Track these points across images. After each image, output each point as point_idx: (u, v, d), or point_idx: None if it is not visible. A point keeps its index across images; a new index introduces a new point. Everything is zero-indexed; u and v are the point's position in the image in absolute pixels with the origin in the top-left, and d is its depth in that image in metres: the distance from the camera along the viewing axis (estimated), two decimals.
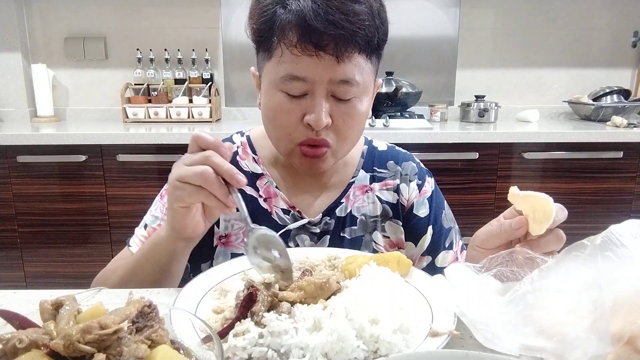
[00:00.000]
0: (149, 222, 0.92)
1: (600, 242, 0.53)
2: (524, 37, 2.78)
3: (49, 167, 2.13)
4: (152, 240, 0.79)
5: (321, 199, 0.94)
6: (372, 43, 0.77)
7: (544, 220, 0.65)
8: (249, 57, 2.57)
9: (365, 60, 0.78)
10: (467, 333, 0.57)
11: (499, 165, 2.21)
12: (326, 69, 0.75)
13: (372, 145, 1.00)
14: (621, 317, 0.48)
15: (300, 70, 0.75)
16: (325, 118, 0.77)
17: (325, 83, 0.76)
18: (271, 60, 0.78)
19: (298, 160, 0.85)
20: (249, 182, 0.92)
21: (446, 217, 0.97)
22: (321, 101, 0.77)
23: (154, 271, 0.79)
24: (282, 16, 0.74)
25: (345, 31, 0.72)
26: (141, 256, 0.81)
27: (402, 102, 2.47)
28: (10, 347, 0.42)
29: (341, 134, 0.82)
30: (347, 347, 0.53)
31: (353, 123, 0.82)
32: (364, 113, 0.83)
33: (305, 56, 0.74)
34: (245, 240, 0.70)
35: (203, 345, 0.48)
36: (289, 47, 0.75)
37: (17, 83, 2.65)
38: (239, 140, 0.98)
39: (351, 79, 0.77)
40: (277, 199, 0.93)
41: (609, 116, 2.44)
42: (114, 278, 0.83)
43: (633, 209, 2.28)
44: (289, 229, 0.90)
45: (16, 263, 2.22)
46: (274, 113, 0.81)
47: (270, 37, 0.77)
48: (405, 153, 1.01)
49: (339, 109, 0.79)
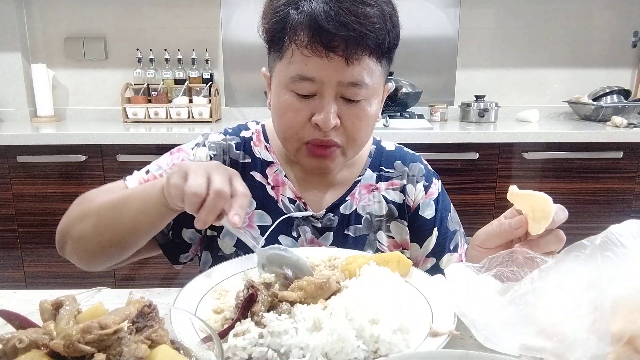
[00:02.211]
0: (153, 170, 0.92)
1: (600, 242, 0.53)
2: (524, 37, 2.78)
3: (49, 167, 2.13)
4: (146, 189, 0.78)
5: (327, 195, 0.94)
6: (383, 46, 0.77)
7: (543, 219, 0.65)
8: (249, 57, 2.58)
9: (375, 63, 0.78)
10: (467, 333, 0.57)
11: (499, 165, 2.20)
12: (335, 71, 0.75)
13: (380, 145, 1.00)
14: (621, 317, 0.48)
15: (310, 71, 0.76)
16: (333, 119, 0.78)
17: (334, 84, 0.77)
18: (282, 61, 0.79)
19: (305, 160, 0.85)
20: (259, 169, 0.94)
21: (452, 220, 0.97)
22: (330, 102, 0.77)
23: (133, 217, 0.78)
24: (294, 17, 0.75)
25: (356, 33, 0.72)
26: (131, 194, 0.80)
27: (402, 102, 2.47)
28: (10, 347, 0.42)
29: (350, 135, 0.82)
30: (347, 347, 0.53)
31: (362, 125, 0.82)
32: (373, 115, 0.83)
33: (315, 57, 0.74)
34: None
35: (203, 345, 0.48)
36: (299, 47, 0.75)
37: (17, 83, 2.65)
38: (254, 127, 0.99)
39: (360, 81, 0.77)
40: (284, 188, 0.93)
41: (609, 116, 2.44)
42: (96, 203, 0.82)
43: (633, 209, 2.28)
44: (292, 217, 0.91)
45: (16, 263, 2.22)
46: (283, 112, 0.81)
47: (281, 37, 0.77)
48: (414, 154, 1.01)
49: (348, 110, 0.80)
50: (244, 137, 0.96)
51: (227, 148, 0.94)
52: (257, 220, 0.92)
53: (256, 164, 0.94)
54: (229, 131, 0.98)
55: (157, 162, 0.93)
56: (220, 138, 0.95)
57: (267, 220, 0.91)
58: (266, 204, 0.92)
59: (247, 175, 0.92)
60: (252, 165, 0.94)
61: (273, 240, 0.90)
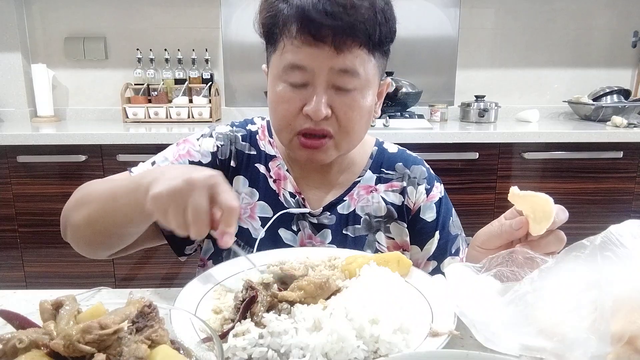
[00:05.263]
0: (159, 161, 0.92)
1: (600, 242, 0.53)
2: (524, 37, 2.78)
3: (49, 167, 2.13)
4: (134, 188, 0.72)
5: (326, 194, 0.95)
6: (373, 38, 0.78)
7: (544, 220, 0.65)
8: (249, 57, 2.58)
9: (367, 54, 0.79)
10: (467, 333, 0.57)
11: (499, 165, 2.20)
12: (326, 59, 0.77)
13: (382, 147, 1.00)
14: (621, 317, 0.48)
15: (301, 60, 0.78)
16: (324, 109, 0.78)
17: (325, 73, 0.78)
18: (275, 53, 0.81)
19: (297, 152, 0.86)
20: (263, 161, 0.95)
21: (453, 224, 0.97)
22: (320, 92, 0.78)
23: (124, 211, 0.74)
24: (285, 11, 0.78)
25: (343, 22, 0.74)
26: (119, 187, 0.76)
27: (402, 102, 2.47)
28: (10, 347, 0.42)
29: (343, 126, 0.82)
30: (347, 347, 0.53)
31: (355, 115, 0.82)
32: (367, 107, 0.84)
33: (305, 46, 0.77)
34: None
35: (203, 345, 0.48)
36: (289, 38, 0.78)
37: (17, 83, 2.64)
38: (260, 122, 1.01)
39: (351, 69, 0.78)
40: (286, 182, 0.94)
41: (609, 116, 2.44)
42: (91, 194, 0.81)
43: (633, 209, 2.28)
44: (289, 212, 0.92)
45: (16, 263, 2.22)
46: (276, 104, 0.83)
47: (274, 31, 0.80)
48: (416, 157, 1.01)
49: (340, 100, 0.80)
50: (250, 130, 0.98)
51: (234, 139, 0.96)
52: (259, 211, 0.93)
53: (260, 156, 0.96)
54: (236, 124, 1.00)
55: (164, 153, 0.93)
56: (228, 129, 0.97)
57: (269, 212, 0.93)
58: (268, 196, 0.94)
59: (251, 166, 0.95)
60: (257, 157, 0.96)
61: (273, 233, 0.91)
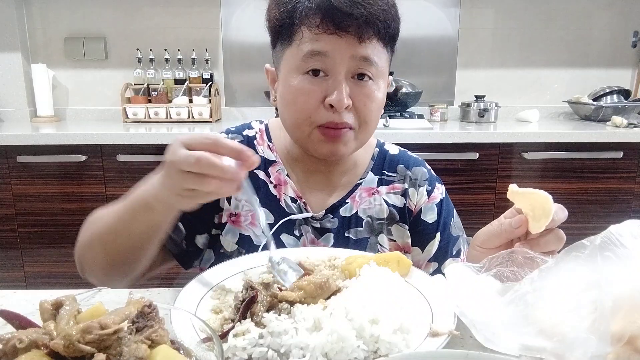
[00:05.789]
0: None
1: (600, 242, 0.53)
2: (524, 37, 2.78)
3: (49, 167, 2.12)
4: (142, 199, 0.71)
5: (328, 196, 0.94)
6: (390, 30, 0.80)
7: (543, 217, 0.65)
8: (249, 57, 2.58)
9: (382, 47, 0.81)
10: (467, 333, 0.57)
11: (499, 165, 2.20)
12: (349, 47, 0.78)
13: (383, 149, 1.00)
14: (621, 317, 0.48)
15: (323, 47, 0.78)
16: (347, 99, 0.79)
17: (346, 61, 0.78)
18: (291, 46, 0.81)
19: (317, 145, 0.84)
20: (262, 167, 0.94)
21: (455, 226, 0.97)
22: (342, 81, 0.79)
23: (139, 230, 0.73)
24: (305, 2, 0.78)
25: (368, 12, 0.76)
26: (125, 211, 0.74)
27: (402, 102, 2.47)
28: (10, 347, 0.42)
29: (362, 117, 0.83)
30: (347, 347, 0.53)
31: (373, 106, 0.83)
32: (381, 99, 0.85)
33: (326, 34, 0.77)
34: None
35: (203, 345, 0.48)
36: (310, 28, 0.77)
37: (17, 83, 2.64)
38: (258, 126, 0.99)
39: (371, 57, 0.79)
40: (286, 187, 0.93)
41: (609, 116, 2.44)
42: (99, 229, 0.80)
43: (633, 209, 2.28)
44: (292, 219, 0.91)
45: (16, 263, 2.22)
46: (294, 97, 0.81)
47: (291, 22, 0.79)
48: (417, 158, 1.01)
49: (359, 90, 0.81)
50: (247, 135, 0.97)
51: None
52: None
53: (260, 161, 0.94)
54: (232, 130, 0.98)
55: None
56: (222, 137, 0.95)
57: (270, 218, 0.92)
58: (269, 202, 0.92)
59: (250, 173, 0.92)
60: None
61: (275, 239, 0.89)
